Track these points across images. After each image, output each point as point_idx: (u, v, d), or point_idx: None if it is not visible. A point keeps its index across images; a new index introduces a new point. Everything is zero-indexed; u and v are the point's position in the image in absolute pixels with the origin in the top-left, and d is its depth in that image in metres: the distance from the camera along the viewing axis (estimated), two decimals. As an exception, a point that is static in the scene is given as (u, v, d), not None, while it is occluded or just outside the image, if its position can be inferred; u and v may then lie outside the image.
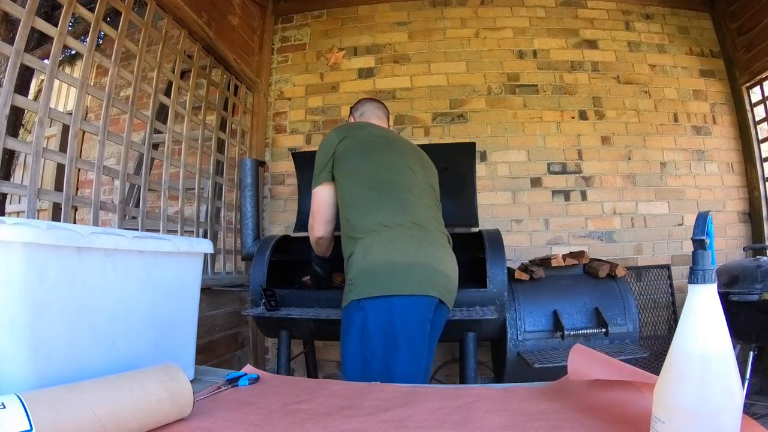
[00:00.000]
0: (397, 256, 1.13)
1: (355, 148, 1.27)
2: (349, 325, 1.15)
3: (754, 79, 2.59)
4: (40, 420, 0.44)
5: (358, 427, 0.57)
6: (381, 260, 1.13)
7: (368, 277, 1.13)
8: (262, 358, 2.69)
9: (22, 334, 0.55)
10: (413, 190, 1.27)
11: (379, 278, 1.12)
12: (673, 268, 2.53)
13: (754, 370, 2.09)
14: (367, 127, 1.40)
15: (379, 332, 1.10)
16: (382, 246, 1.15)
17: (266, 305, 1.67)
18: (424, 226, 1.23)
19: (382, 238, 1.15)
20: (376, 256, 1.14)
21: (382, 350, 1.09)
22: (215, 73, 2.45)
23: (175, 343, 0.81)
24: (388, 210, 1.20)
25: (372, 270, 1.13)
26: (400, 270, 1.13)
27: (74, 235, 0.60)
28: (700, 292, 0.42)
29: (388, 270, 1.12)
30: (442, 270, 1.20)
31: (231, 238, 2.56)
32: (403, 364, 1.09)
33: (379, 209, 1.20)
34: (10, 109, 1.30)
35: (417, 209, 1.24)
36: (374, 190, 1.22)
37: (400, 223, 1.18)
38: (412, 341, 1.12)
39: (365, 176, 1.24)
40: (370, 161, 1.26)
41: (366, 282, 1.13)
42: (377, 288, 1.12)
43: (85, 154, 3.18)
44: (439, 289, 1.18)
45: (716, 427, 0.40)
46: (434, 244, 1.22)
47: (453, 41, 2.85)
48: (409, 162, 1.33)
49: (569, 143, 2.70)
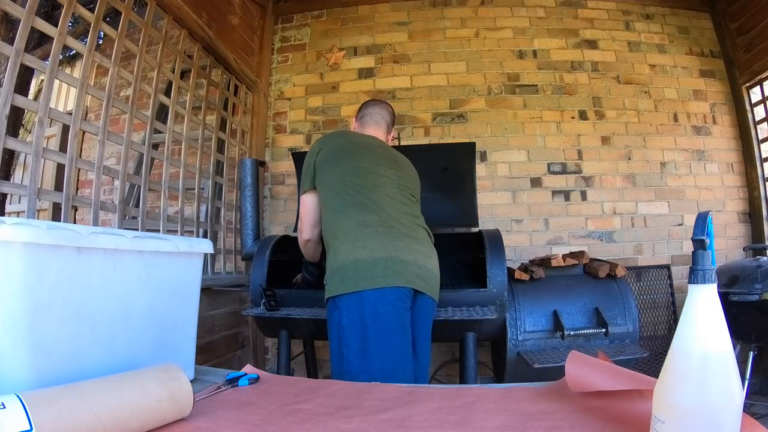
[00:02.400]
0: (361, 253, 1.20)
1: (327, 158, 1.36)
2: (329, 324, 1.23)
3: (754, 79, 2.59)
4: (40, 420, 0.44)
5: (358, 427, 0.57)
6: (347, 259, 1.20)
7: (338, 275, 1.21)
8: (262, 358, 2.69)
9: (22, 334, 0.55)
10: (379, 190, 1.32)
11: (347, 276, 1.19)
12: (673, 268, 2.53)
13: (754, 370, 2.09)
14: (345, 135, 1.48)
15: (352, 327, 1.16)
16: (348, 245, 1.22)
17: (266, 305, 1.67)
18: (390, 223, 1.27)
19: (347, 239, 1.23)
20: (343, 256, 1.22)
21: (357, 344, 1.15)
22: (215, 73, 2.45)
23: (175, 342, 0.81)
24: (352, 212, 1.27)
25: (341, 269, 1.21)
26: (365, 266, 1.19)
27: (74, 235, 0.60)
28: (700, 292, 0.43)
29: (354, 267, 1.19)
30: (411, 260, 1.24)
31: (231, 238, 2.56)
32: (380, 357, 1.13)
33: (345, 212, 1.28)
34: (10, 109, 1.30)
35: (383, 207, 1.29)
36: (341, 194, 1.30)
37: (363, 222, 1.24)
38: (387, 333, 1.16)
39: (333, 182, 1.32)
40: (338, 168, 1.34)
41: (336, 281, 1.21)
42: (346, 285, 1.18)
43: (85, 154, 3.18)
44: (409, 278, 1.22)
45: (716, 427, 0.40)
46: (401, 238, 1.26)
47: (453, 41, 2.84)
48: (377, 164, 1.37)
49: (569, 143, 2.70)
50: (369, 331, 1.14)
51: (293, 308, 1.74)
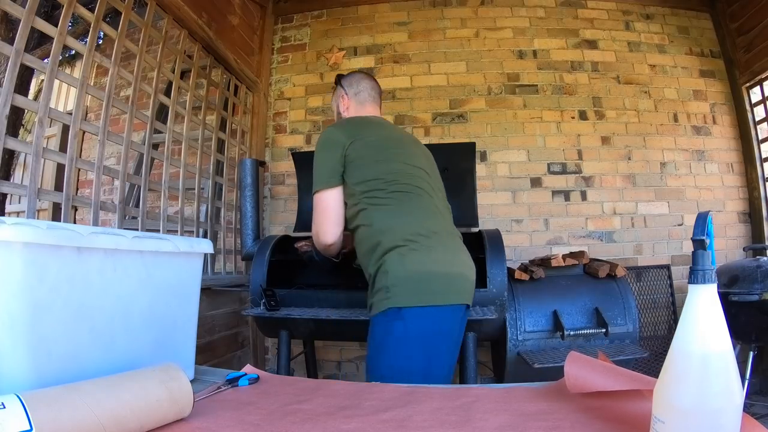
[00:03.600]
0: (434, 266, 1.14)
1: (368, 155, 1.23)
2: (386, 335, 1.12)
3: (754, 79, 2.59)
4: (40, 420, 0.44)
5: (358, 427, 0.57)
6: (420, 269, 1.12)
7: (408, 285, 1.11)
8: (262, 358, 2.69)
9: (21, 334, 0.55)
10: (433, 194, 1.27)
11: (420, 287, 1.11)
12: (673, 268, 2.53)
13: (754, 370, 2.09)
14: (370, 125, 1.35)
15: (420, 341, 1.10)
16: (420, 255, 1.13)
17: (266, 305, 1.67)
18: (452, 232, 1.24)
19: (419, 247, 1.14)
20: (415, 265, 1.13)
21: (423, 360, 1.09)
22: (215, 73, 2.45)
23: (175, 342, 0.81)
24: (419, 216, 1.19)
25: (412, 278, 1.12)
26: (440, 279, 1.13)
27: (74, 235, 0.60)
28: (700, 292, 0.42)
29: (428, 279, 1.12)
30: (469, 277, 1.22)
31: (231, 238, 2.56)
32: (441, 373, 1.11)
33: (411, 212, 1.19)
34: (10, 109, 1.30)
35: (442, 214, 1.26)
36: (401, 200, 1.20)
37: (435, 231, 1.18)
38: (452, 349, 1.15)
39: (387, 183, 1.20)
40: (388, 167, 1.23)
41: (406, 290, 1.11)
42: (420, 297, 1.10)
43: (85, 154, 3.18)
44: (469, 295, 1.21)
45: (716, 427, 0.40)
46: (462, 251, 1.23)
47: (453, 41, 2.84)
48: (422, 164, 1.32)
49: (569, 143, 2.70)
50: (441, 347, 1.11)
51: (293, 308, 1.73)
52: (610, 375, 0.62)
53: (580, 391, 0.62)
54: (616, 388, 0.58)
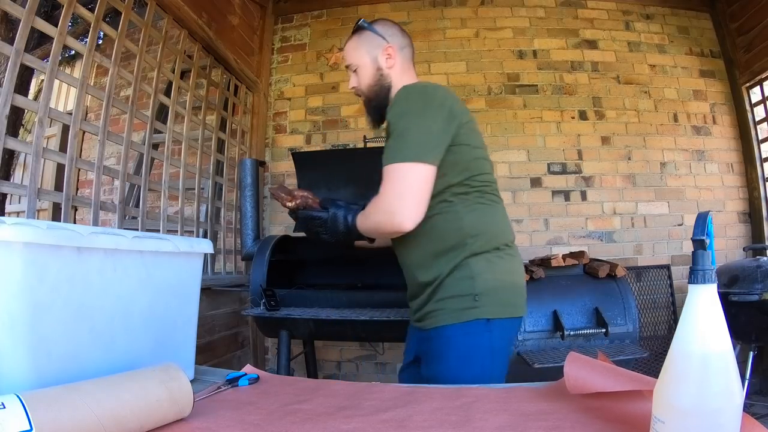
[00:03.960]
0: (516, 277, 1.09)
1: (474, 138, 1.05)
2: (473, 348, 1.02)
3: (754, 79, 2.59)
4: (40, 420, 0.44)
5: (358, 427, 0.57)
6: (507, 279, 1.06)
7: (497, 295, 1.03)
8: (262, 358, 2.69)
9: (21, 334, 0.55)
10: None
11: (508, 298, 1.06)
12: (673, 268, 2.53)
13: (754, 370, 2.09)
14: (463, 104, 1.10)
15: (503, 354, 1.06)
16: (506, 264, 1.07)
17: (266, 305, 1.67)
18: None
19: (505, 255, 1.07)
20: (503, 274, 1.05)
21: (501, 372, 1.06)
22: (215, 73, 2.45)
23: (175, 342, 0.81)
24: (506, 222, 1.12)
25: (501, 288, 1.04)
26: (520, 290, 1.10)
27: (74, 235, 0.60)
28: (700, 292, 0.42)
29: (512, 289, 1.07)
30: None
31: (231, 238, 2.56)
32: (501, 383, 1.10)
33: (502, 219, 1.11)
34: (10, 109, 1.30)
35: None
36: (496, 203, 1.10)
37: (513, 239, 1.13)
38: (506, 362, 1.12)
39: (486, 185, 1.08)
40: (490, 167, 1.11)
41: (496, 301, 1.03)
42: (506, 309, 1.05)
43: (85, 154, 3.18)
44: None
45: (716, 427, 0.40)
46: None
47: (453, 41, 2.84)
48: None
49: (569, 143, 2.70)
50: (507, 358, 1.09)
51: (293, 308, 1.74)
52: (610, 375, 0.62)
53: (580, 392, 0.62)
54: (616, 389, 0.58)
